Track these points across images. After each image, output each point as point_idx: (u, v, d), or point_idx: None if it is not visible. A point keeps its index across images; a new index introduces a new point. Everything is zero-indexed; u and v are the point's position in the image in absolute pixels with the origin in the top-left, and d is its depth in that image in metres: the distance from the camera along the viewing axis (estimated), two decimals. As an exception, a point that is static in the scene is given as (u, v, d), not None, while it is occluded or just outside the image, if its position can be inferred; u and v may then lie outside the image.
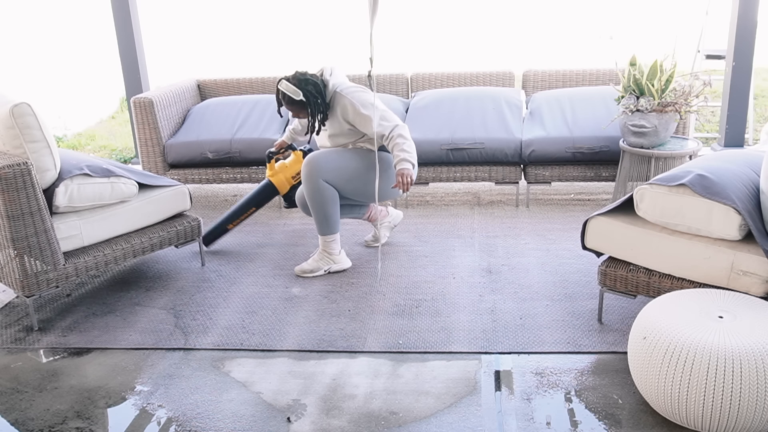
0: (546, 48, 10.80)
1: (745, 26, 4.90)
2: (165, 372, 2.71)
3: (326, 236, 3.46)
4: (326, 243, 3.48)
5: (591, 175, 4.32)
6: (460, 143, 4.31)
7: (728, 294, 2.40)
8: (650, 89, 3.81)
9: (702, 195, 2.54)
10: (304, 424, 2.36)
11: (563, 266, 3.51)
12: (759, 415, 2.09)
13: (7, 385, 2.68)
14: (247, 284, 3.45)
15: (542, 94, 4.71)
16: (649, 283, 2.73)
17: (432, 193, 4.80)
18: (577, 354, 2.72)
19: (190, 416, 2.43)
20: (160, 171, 4.63)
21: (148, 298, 3.34)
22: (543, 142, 4.25)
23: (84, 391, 2.61)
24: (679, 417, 2.20)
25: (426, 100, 4.66)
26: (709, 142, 5.64)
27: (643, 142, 3.88)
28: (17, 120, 2.91)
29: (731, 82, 5.04)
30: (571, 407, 2.40)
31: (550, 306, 3.11)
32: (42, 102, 6.62)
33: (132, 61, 5.42)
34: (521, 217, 4.26)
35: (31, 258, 2.95)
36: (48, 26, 7.53)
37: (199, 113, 4.78)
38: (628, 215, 2.85)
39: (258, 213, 4.51)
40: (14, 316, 3.24)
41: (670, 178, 2.67)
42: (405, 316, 3.07)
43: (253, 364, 2.74)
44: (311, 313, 3.12)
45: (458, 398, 2.46)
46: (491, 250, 3.74)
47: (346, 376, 2.63)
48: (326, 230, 3.45)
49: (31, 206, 2.90)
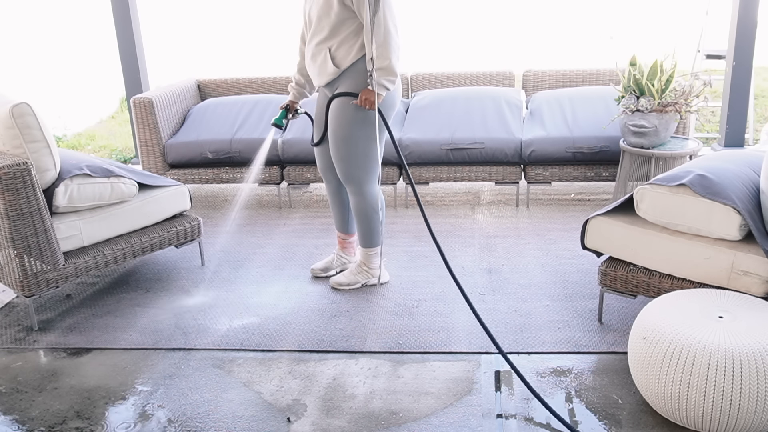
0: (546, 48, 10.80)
1: (745, 26, 4.90)
2: (165, 372, 2.71)
3: (368, 249, 3.32)
4: (368, 256, 3.34)
5: (591, 175, 4.32)
6: (460, 143, 4.31)
7: (728, 294, 2.39)
8: (650, 89, 3.81)
9: (702, 195, 2.54)
10: (304, 424, 2.36)
11: (563, 266, 3.51)
12: (759, 415, 2.09)
13: (7, 385, 2.68)
14: (247, 284, 3.45)
15: (542, 94, 4.71)
16: (649, 283, 2.73)
17: (432, 193, 4.80)
18: (577, 354, 2.72)
19: (190, 416, 2.42)
20: (160, 171, 4.63)
21: (148, 298, 3.34)
22: (543, 142, 4.25)
23: (84, 391, 2.61)
24: (679, 417, 2.20)
25: (426, 100, 4.66)
26: (709, 142, 5.64)
27: (643, 142, 3.88)
28: (17, 120, 2.91)
29: (731, 82, 5.03)
30: (571, 407, 2.40)
31: (550, 306, 3.11)
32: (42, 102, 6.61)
33: (132, 61, 5.42)
34: (521, 217, 4.25)
35: (31, 258, 2.95)
36: (48, 26, 7.53)
37: (199, 113, 4.78)
38: (628, 215, 2.85)
39: (258, 213, 4.51)
40: (14, 316, 3.24)
41: (670, 178, 2.66)
42: (405, 316, 3.06)
43: (253, 364, 2.74)
44: (311, 313, 3.12)
45: (458, 398, 2.46)
46: (491, 250, 3.74)
47: (346, 376, 2.63)
48: (369, 242, 3.30)
49: (31, 206, 2.90)
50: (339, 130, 3.06)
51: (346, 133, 3.05)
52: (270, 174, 4.53)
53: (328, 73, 3.03)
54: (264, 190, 5.02)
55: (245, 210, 4.58)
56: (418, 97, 4.75)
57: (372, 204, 3.19)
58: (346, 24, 2.92)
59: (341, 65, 2.99)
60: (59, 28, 7.70)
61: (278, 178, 4.55)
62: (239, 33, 11.03)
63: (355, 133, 3.04)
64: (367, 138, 3.06)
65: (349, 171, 3.12)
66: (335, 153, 3.12)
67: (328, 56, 2.99)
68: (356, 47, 2.95)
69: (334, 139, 3.10)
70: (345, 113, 3.03)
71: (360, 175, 3.12)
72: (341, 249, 3.51)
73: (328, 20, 2.93)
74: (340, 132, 3.06)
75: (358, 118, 3.02)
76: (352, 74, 3.00)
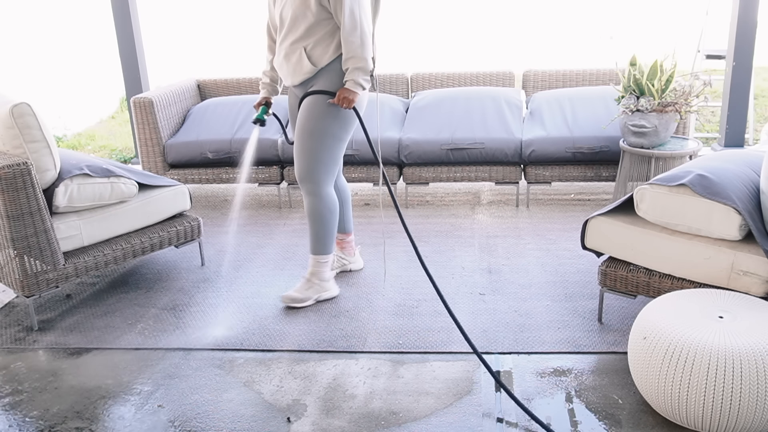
0: (546, 48, 10.80)
1: (745, 26, 4.90)
2: (165, 372, 2.71)
3: (319, 256, 3.17)
4: (318, 264, 3.18)
5: (591, 175, 4.32)
6: (460, 143, 4.31)
7: (728, 294, 2.40)
8: (650, 89, 3.81)
9: (702, 195, 2.54)
10: (304, 424, 2.36)
11: (563, 266, 3.51)
12: (759, 415, 2.09)
13: (7, 385, 2.68)
14: (247, 284, 3.45)
15: (542, 94, 4.71)
16: (649, 283, 2.73)
17: (432, 193, 4.80)
18: (577, 354, 2.72)
19: (190, 416, 2.42)
20: (160, 171, 4.63)
21: (148, 298, 3.34)
22: (543, 142, 4.25)
23: (84, 391, 2.61)
24: (679, 417, 2.20)
25: (426, 100, 4.66)
26: (709, 142, 5.64)
27: (643, 142, 3.88)
28: (17, 120, 2.91)
29: (731, 82, 5.03)
30: (571, 407, 2.40)
31: (550, 306, 3.11)
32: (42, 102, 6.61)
33: (132, 61, 5.42)
34: (521, 217, 4.25)
35: (31, 258, 2.95)
36: (48, 26, 7.53)
37: (199, 113, 4.78)
38: (628, 215, 2.85)
39: (258, 213, 4.51)
40: (14, 316, 3.24)
41: (670, 178, 2.67)
42: (405, 316, 3.06)
43: (253, 364, 2.74)
44: (311, 313, 3.12)
45: (458, 398, 2.46)
46: (491, 250, 3.74)
47: (346, 376, 2.63)
48: (321, 248, 3.16)
49: (31, 206, 2.90)
50: (307, 123, 2.99)
51: (314, 126, 2.98)
52: (270, 174, 4.53)
53: (304, 72, 2.99)
54: (264, 190, 5.02)
55: (245, 210, 4.59)
56: (418, 97, 4.75)
57: (329, 206, 3.10)
58: (323, 24, 2.90)
59: (318, 64, 2.96)
60: (59, 28, 7.70)
61: (278, 178, 4.55)
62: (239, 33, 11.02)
63: (324, 128, 2.98)
64: (334, 136, 3.01)
65: (310, 167, 3.02)
66: (299, 146, 3.03)
67: (304, 55, 2.95)
68: (332, 47, 2.93)
69: (300, 132, 3.01)
70: (317, 107, 2.98)
71: (320, 174, 3.03)
72: (339, 249, 3.49)
73: (304, 21, 2.90)
74: (308, 125, 2.99)
75: (330, 113, 2.97)
76: (328, 73, 2.97)
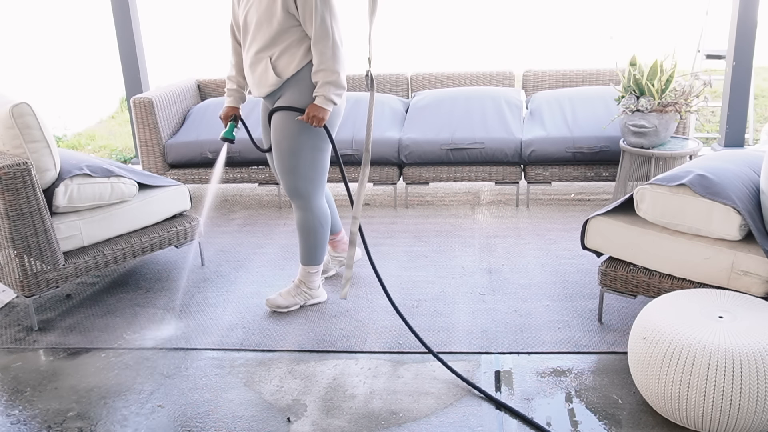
0: (546, 48, 10.80)
1: (745, 26, 4.90)
2: (165, 372, 2.71)
3: (310, 267, 3.14)
4: (308, 275, 3.15)
5: (591, 175, 4.32)
6: (460, 143, 4.31)
7: (728, 294, 2.40)
8: (650, 89, 3.81)
9: (702, 195, 2.54)
10: (304, 424, 2.36)
11: (563, 266, 3.51)
12: (759, 415, 2.09)
13: (7, 385, 2.68)
14: (247, 284, 3.45)
15: (542, 94, 4.71)
16: (649, 283, 2.73)
17: (432, 193, 4.80)
18: (577, 354, 2.72)
19: (190, 416, 2.42)
20: (160, 171, 4.63)
21: (148, 298, 3.34)
22: (543, 142, 4.25)
23: (84, 391, 2.61)
24: (679, 417, 2.20)
25: (426, 100, 4.66)
26: (709, 142, 5.64)
27: (643, 142, 3.88)
28: (17, 120, 2.91)
29: (731, 82, 5.03)
30: (571, 407, 2.40)
31: (550, 306, 3.11)
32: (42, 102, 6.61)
33: (132, 61, 5.42)
34: (521, 217, 4.25)
35: (31, 258, 2.95)
36: (48, 26, 7.52)
37: (199, 113, 4.78)
38: (628, 215, 2.85)
39: (258, 213, 4.51)
40: (14, 316, 3.24)
41: (670, 178, 2.67)
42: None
43: (253, 364, 2.74)
44: (311, 313, 3.12)
45: (458, 398, 2.46)
46: (491, 250, 3.74)
47: (346, 376, 2.63)
48: (312, 260, 3.12)
49: (31, 206, 2.90)
50: (284, 141, 2.89)
51: (291, 145, 2.88)
52: (270, 174, 4.53)
53: (269, 84, 2.87)
54: (264, 190, 5.02)
55: (245, 210, 4.58)
56: (418, 97, 4.75)
57: (320, 219, 3.04)
58: (289, 32, 2.77)
59: (283, 75, 2.83)
60: (59, 28, 7.70)
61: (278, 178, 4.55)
62: (239, 33, 11.01)
63: (301, 144, 2.87)
64: (313, 148, 2.90)
65: (296, 184, 2.94)
66: (280, 166, 2.94)
67: (269, 65, 2.82)
68: (299, 56, 2.80)
69: (278, 152, 2.92)
70: (289, 124, 2.86)
71: (308, 189, 2.96)
72: (333, 249, 3.47)
73: (269, 27, 2.77)
74: (285, 144, 2.89)
75: (304, 128, 2.86)
76: (295, 84, 2.85)
